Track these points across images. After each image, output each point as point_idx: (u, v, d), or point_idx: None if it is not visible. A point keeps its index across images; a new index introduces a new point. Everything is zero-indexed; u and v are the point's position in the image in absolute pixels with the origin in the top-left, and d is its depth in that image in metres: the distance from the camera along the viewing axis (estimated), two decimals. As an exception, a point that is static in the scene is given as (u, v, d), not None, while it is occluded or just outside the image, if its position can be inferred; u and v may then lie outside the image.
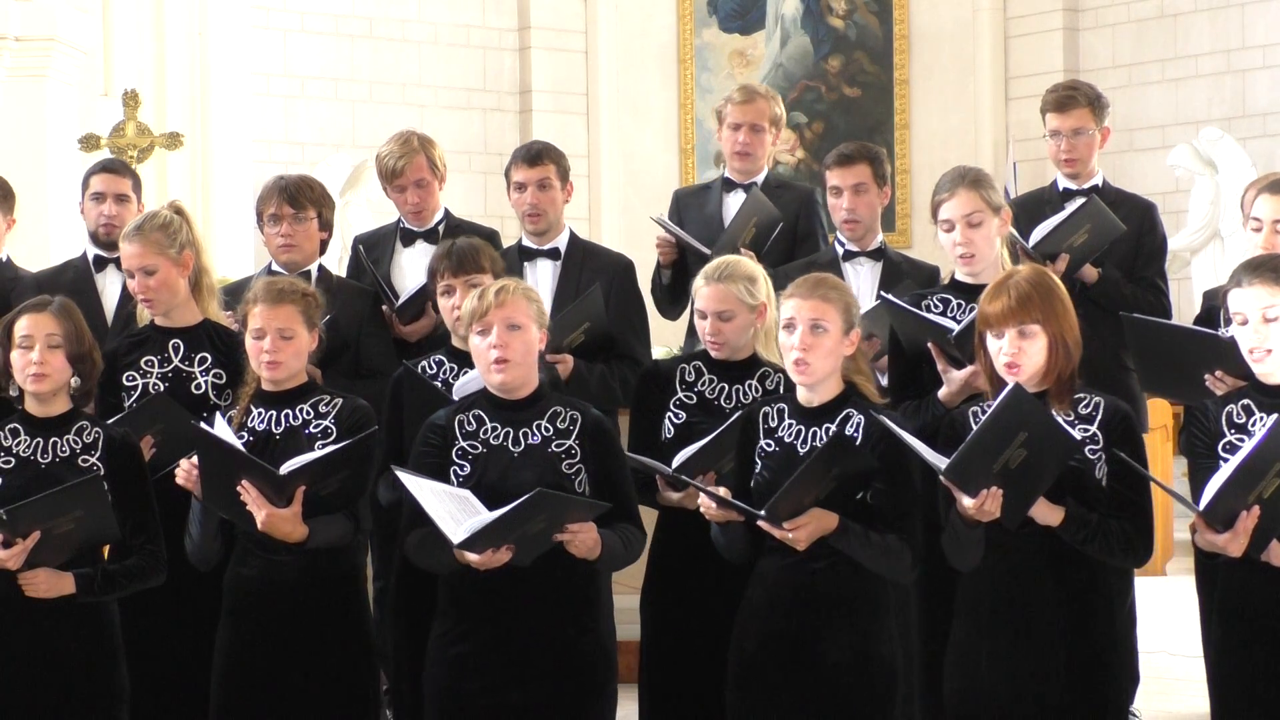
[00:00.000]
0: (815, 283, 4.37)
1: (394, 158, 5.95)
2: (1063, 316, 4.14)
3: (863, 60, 12.43)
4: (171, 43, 10.33)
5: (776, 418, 4.37)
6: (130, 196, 6.06)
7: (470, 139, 11.87)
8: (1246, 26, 11.40)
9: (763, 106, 6.25)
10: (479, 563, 4.11)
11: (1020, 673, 4.13)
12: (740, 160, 6.26)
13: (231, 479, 4.32)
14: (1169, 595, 7.97)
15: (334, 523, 4.41)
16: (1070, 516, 4.06)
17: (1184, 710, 6.27)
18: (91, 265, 5.96)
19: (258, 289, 4.59)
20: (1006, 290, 4.14)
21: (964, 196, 4.82)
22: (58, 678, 4.37)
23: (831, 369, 4.30)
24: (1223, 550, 4.02)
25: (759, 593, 4.33)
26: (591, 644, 4.32)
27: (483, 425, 4.35)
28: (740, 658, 4.34)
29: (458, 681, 4.28)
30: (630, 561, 4.38)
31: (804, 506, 4.15)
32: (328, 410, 4.54)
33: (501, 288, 4.36)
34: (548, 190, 5.76)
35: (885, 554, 4.20)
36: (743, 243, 5.87)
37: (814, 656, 4.24)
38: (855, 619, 4.25)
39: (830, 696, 4.23)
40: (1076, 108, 5.97)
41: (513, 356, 4.30)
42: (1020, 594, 4.14)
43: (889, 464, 4.22)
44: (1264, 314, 4.13)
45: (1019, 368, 4.12)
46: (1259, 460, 3.93)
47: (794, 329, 4.28)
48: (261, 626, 4.47)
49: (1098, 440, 4.13)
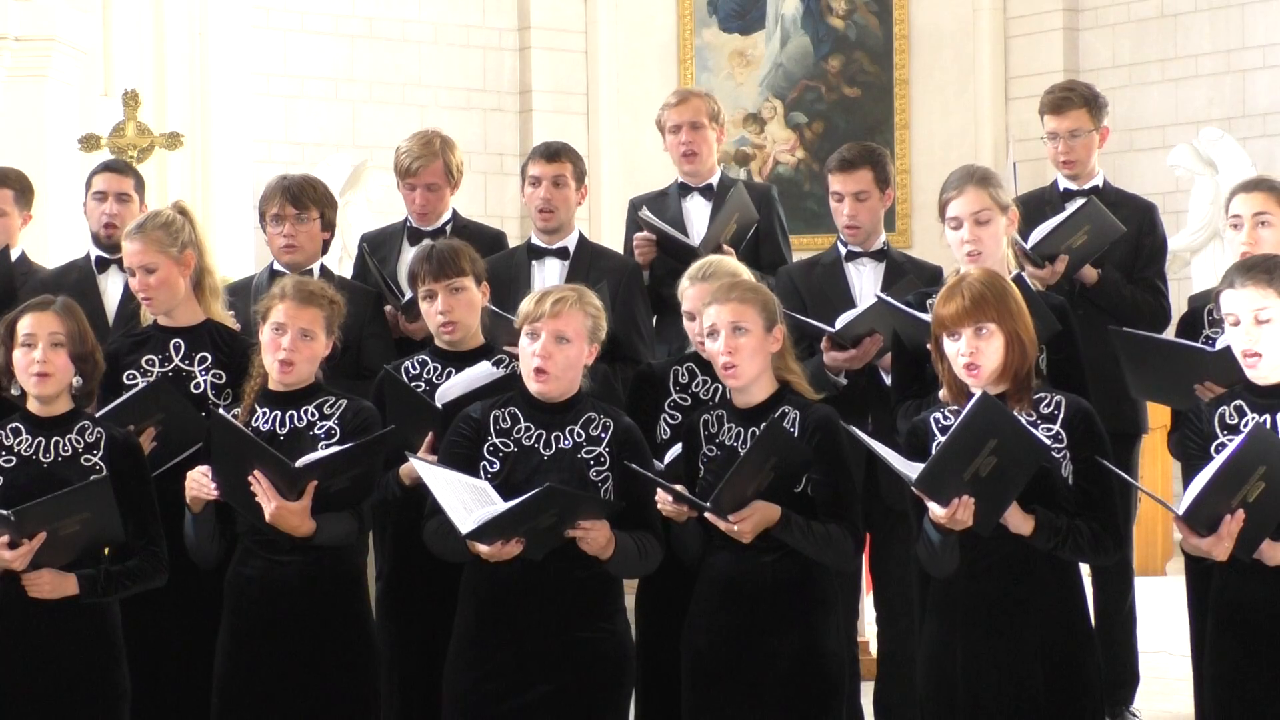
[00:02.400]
0: (730, 286, 4.46)
1: (411, 156, 5.96)
2: (1017, 315, 4.16)
3: (863, 60, 12.42)
4: (171, 43, 10.32)
5: (716, 424, 4.46)
6: (132, 196, 6.06)
7: (470, 139, 11.84)
8: (1246, 26, 11.39)
9: (698, 104, 6.25)
10: (488, 554, 4.14)
11: (999, 674, 4.14)
12: (689, 161, 6.24)
13: (243, 468, 4.31)
14: (1169, 595, 7.96)
15: (340, 521, 4.42)
16: (1041, 525, 4.07)
17: (1184, 710, 6.27)
18: (94, 266, 5.96)
19: (287, 285, 4.59)
20: (960, 291, 4.16)
21: (972, 194, 4.83)
22: (59, 678, 4.37)
23: (760, 369, 4.39)
24: (1207, 554, 4.03)
25: (708, 589, 4.40)
26: (610, 642, 4.35)
27: (517, 424, 4.38)
28: (692, 654, 4.41)
29: (478, 681, 4.30)
30: (646, 571, 4.42)
31: (747, 498, 4.22)
32: (332, 412, 4.54)
33: (560, 298, 4.36)
34: (562, 188, 5.78)
35: (828, 543, 4.30)
36: (725, 239, 5.88)
37: (765, 650, 4.31)
38: (804, 613, 4.34)
39: (781, 690, 4.30)
40: (1072, 109, 5.97)
41: (553, 369, 4.32)
42: (992, 595, 4.15)
43: (825, 454, 4.32)
44: (1256, 315, 4.14)
45: (978, 368, 4.14)
46: (1239, 464, 3.93)
47: (716, 334, 4.38)
48: (262, 627, 4.48)
49: (1061, 439, 4.16)
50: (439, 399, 4.71)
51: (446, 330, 4.94)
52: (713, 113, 6.27)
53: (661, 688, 4.78)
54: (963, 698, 4.16)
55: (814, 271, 5.71)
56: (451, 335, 4.94)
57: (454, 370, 4.85)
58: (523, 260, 5.76)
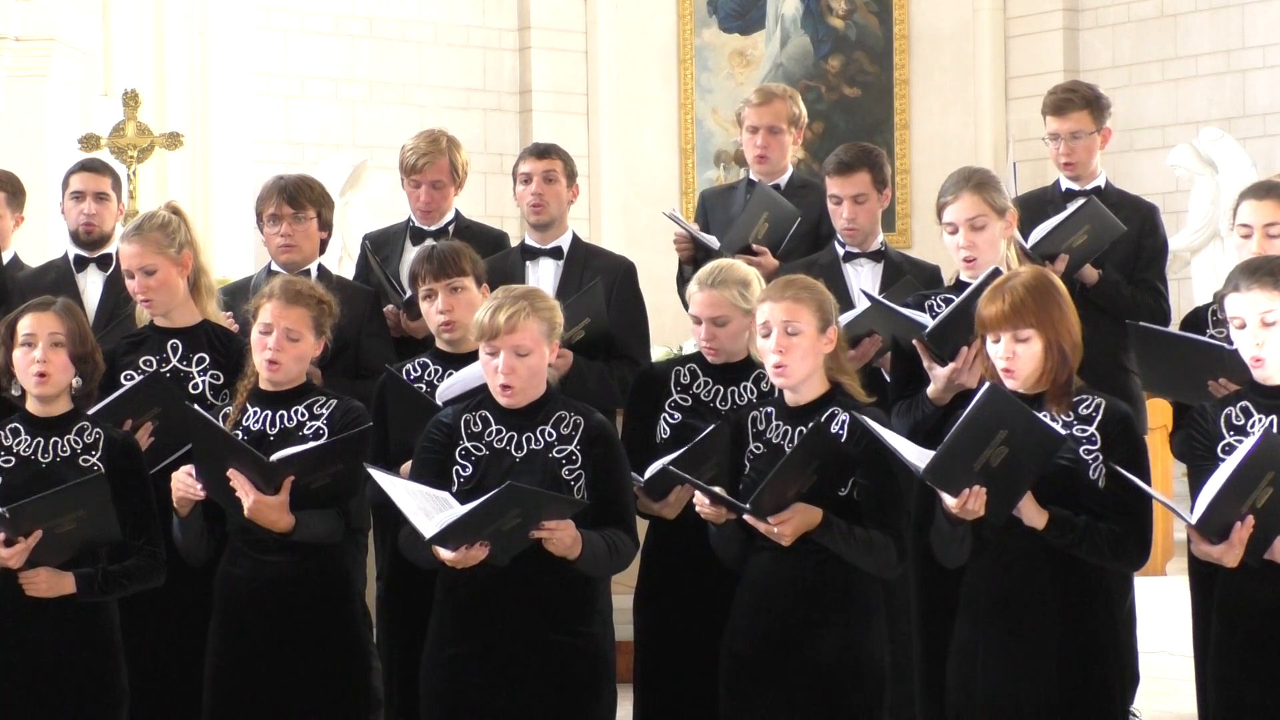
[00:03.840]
0: (785, 284, 4.39)
1: (417, 154, 5.96)
2: (1060, 321, 4.12)
3: (863, 60, 12.43)
4: (171, 43, 10.33)
5: (765, 421, 4.40)
6: (110, 195, 6.07)
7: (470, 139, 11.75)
8: (1246, 26, 11.40)
9: (780, 108, 6.18)
10: (453, 560, 4.09)
11: (1016, 672, 4.13)
12: (760, 164, 6.20)
13: (222, 464, 4.32)
14: (1169, 595, 7.95)
15: (323, 518, 4.41)
16: (1054, 520, 4.04)
17: (1184, 710, 6.27)
18: (72, 265, 5.97)
19: (275, 285, 4.59)
20: (1002, 294, 4.13)
21: (967, 200, 4.81)
22: (57, 678, 4.36)
23: (811, 369, 4.32)
24: (1218, 561, 4.01)
25: (749, 592, 4.34)
26: (586, 647, 4.30)
27: (488, 427, 4.34)
28: (731, 658, 4.36)
29: (453, 684, 4.27)
30: (618, 569, 4.35)
31: (788, 500, 4.17)
32: (321, 412, 4.53)
33: (512, 312, 4.27)
34: (553, 184, 5.77)
35: (870, 549, 4.22)
36: (755, 239, 5.84)
37: (805, 655, 4.25)
38: (845, 617, 4.27)
39: (821, 696, 4.25)
40: (1074, 110, 5.95)
41: (517, 384, 4.28)
42: (1016, 593, 4.14)
43: (871, 458, 4.23)
44: (1262, 318, 4.12)
45: (1013, 372, 4.12)
46: (1250, 470, 3.91)
47: (769, 333, 4.31)
48: (251, 626, 4.47)
49: (1095, 441, 4.12)
50: (439, 397, 4.71)
51: (446, 330, 4.94)
52: (793, 117, 6.20)
53: (660, 683, 4.78)
54: (981, 696, 4.15)
55: (812, 272, 5.69)
56: (451, 335, 4.93)
57: (454, 372, 4.85)
58: (517, 261, 5.75)
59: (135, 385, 4.81)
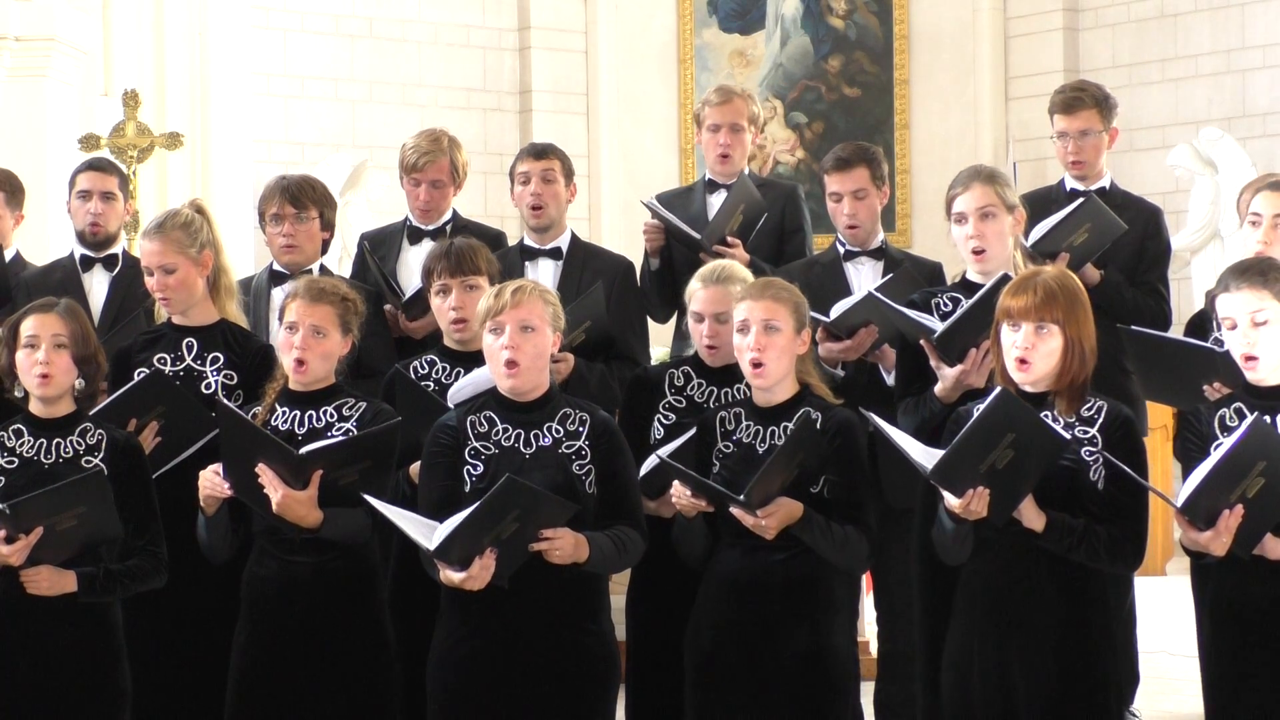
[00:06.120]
0: (765, 284, 4.48)
1: (418, 153, 5.97)
2: (1083, 323, 4.16)
3: (863, 60, 12.42)
4: (171, 43, 10.32)
5: (734, 421, 4.47)
6: (116, 194, 6.07)
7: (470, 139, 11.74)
8: (1246, 26, 11.39)
9: (740, 106, 6.19)
10: (460, 581, 4.07)
11: (1014, 671, 4.14)
12: (722, 163, 6.21)
13: (250, 459, 4.30)
14: (1169, 595, 7.96)
15: (352, 516, 4.38)
16: (1052, 523, 4.07)
17: (1184, 710, 6.28)
18: (78, 265, 5.97)
19: (300, 284, 4.60)
20: (1032, 286, 4.16)
21: (978, 190, 4.84)
22: (59, 677, 4.37)
23: (787, 369, 4.41)
24: (1205, 549, 4.03)
25: (715, 587, 4.39)
26: (596, 642, 4.32)
27: (494, 426, 4.35)
28: (697, 653, 4.39)
29: (464, 683, 4.28)
30: (628, 565, 4.39)
31: (774, 494, 4.22)
32: (351, 414, 4.53)
33: (518, 288, 4.34)
34: (551, 184, 5.78)
35: (845, 544, 4.30)
36: (730, 230, 5.87)
37: (773, 650, 4.31)
38: (811, 612, 4.34)
39: (789, 690, 4.30)
40: (1083, 109, 5.96)
41: (523, 360, 4.29)
42: (1014, 592, 4.16)
43: (844, 457, 4.33)
44: (1253, 318, 4.15)
45: (1029, 364, 4.13)
46: (1238, 459, 3.94)
47: (748, 330, 4.37)
48: (277, 626, 4.48)
49: (1097, 442, 4.14)
50: (451, 400, 4.69)
51: (458, 328, 4.94)
52: (753, 115, 6.22)
53: (651, 685, 4.79)
54: (979, 694, 4.17)
55: (813, 271, 5.72)
56: (462, 334, 4.94)
57: (462, 371, 4.85)
58: (515, 261, 5.75)
59: (135, 385, 4.81)
